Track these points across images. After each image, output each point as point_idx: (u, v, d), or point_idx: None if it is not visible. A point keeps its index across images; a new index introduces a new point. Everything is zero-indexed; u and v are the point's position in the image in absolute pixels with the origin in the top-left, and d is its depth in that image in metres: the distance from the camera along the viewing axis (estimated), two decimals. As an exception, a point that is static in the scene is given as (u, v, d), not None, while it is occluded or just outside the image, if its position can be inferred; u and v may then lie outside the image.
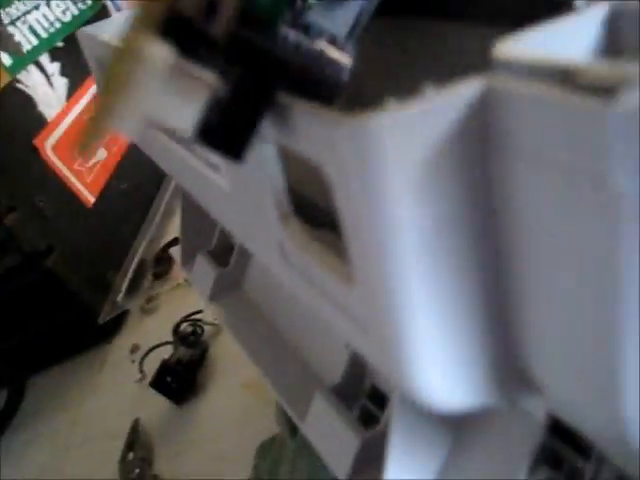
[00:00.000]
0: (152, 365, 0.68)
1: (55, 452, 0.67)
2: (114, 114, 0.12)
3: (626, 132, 0.11)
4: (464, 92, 0.14)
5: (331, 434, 0.29)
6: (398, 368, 0.16)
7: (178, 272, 0.84)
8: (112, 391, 0.71)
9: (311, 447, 0.35)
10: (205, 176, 0.26)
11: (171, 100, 0.13)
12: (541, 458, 0.23)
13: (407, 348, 0.16)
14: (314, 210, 0.20)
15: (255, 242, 0.23)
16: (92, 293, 0.80)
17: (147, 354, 0.69)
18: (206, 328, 0.71)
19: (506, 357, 0.17)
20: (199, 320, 0.71)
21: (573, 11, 0.19)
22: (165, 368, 0.63)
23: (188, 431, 0.60)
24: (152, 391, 0.64)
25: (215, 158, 0.24)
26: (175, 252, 0.51)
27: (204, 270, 0.45)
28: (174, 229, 0.95)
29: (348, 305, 0.17)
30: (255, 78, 0.14)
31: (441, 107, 0.14)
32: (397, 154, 0.14)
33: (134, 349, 0.76)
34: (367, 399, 0.32)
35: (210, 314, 0.71)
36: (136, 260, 0.88)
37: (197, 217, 0.48)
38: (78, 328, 0.79)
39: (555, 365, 0.15)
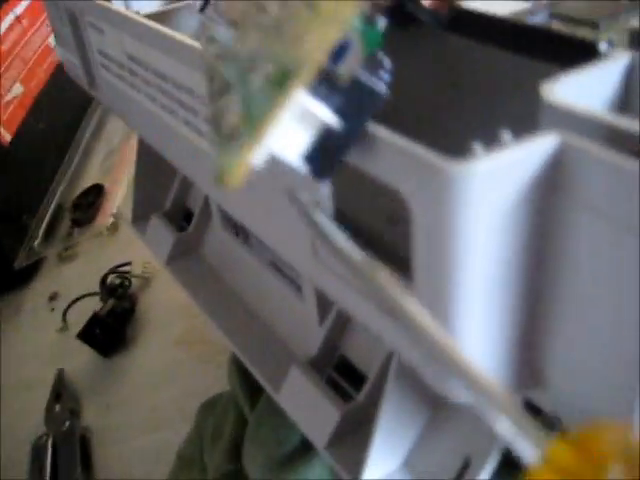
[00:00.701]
0: (72, 314, 0.68)
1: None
2: (258, 150, 0.13)
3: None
4: (543, 145, 0.16)
5: (310, 406, 0.31)
6: (439, 367, 0.19)
7: (99, 220, 0.82)
8: (31, 340, 0.70)
9: (274, 414, 0.37)
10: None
11: (291, 134, 0.14)
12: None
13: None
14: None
15: (274, 235, 0.25)
16: (7, 236, 0.77)
17: (72, 304, 0.67)
18: (133, 281, 0.70)
19: (528, 364, 0.19)
20: (127, 272, 0.70)
21: (598, 56, 0.22)
22: (95, 320, 0.62)
23: (118, 384, 0.60)
24: (75, 342, 0.63)
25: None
26: (124, 209, 0.50)
27: (160, 233, 0.45)
28: (93, 174, 0.92)
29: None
30: (354, 110, 0.16)
31: (523, 158, 0.16)
32: (480, 199, 0.15)
33: (53, 297, 0.74)
34: (334, 371, 0.35)
35: (138, 267, 0.70)
36: (53, 205, 0.85)
37: (151, 176, 0.48)
38: (-8, 272, 0.76)
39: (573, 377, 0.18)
